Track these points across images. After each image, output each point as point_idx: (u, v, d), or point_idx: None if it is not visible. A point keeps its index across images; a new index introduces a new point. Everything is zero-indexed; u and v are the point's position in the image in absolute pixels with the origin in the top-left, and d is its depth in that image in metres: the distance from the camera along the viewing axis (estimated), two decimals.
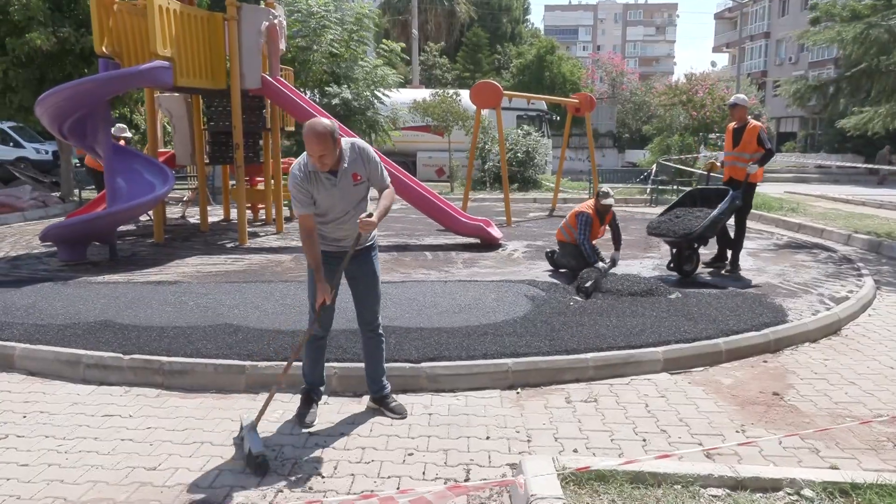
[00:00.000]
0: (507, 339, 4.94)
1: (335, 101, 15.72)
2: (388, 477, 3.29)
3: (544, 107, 23.81)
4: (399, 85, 18.49)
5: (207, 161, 11.05)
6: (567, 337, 5.00)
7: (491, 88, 11.43)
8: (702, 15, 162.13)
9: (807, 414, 4.05)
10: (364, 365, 4.10)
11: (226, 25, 9.01)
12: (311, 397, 4.00)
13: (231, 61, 9.05)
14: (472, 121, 12.85)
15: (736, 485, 2.95)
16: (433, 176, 21.34)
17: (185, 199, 14.02)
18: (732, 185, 7.39)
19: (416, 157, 21.85)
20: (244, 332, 5.12)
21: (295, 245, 9.45)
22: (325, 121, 3.49)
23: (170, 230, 10.69)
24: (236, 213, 10.07)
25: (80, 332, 5.11)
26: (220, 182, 13.89)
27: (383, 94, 17.17)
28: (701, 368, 4.83)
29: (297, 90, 12.41)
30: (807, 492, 2.88)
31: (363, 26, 16.79)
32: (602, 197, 7.00)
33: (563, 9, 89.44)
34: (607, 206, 7.03)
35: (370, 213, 3.51)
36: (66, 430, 3.82)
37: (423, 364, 4.49)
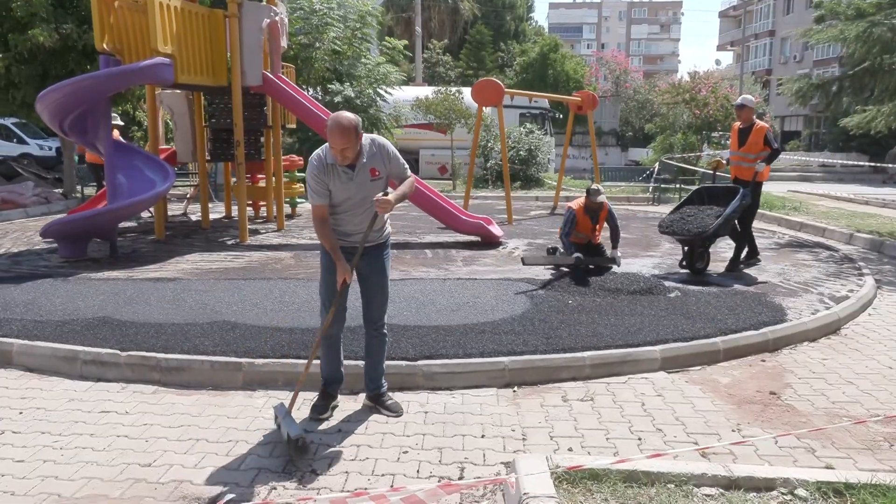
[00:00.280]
0: (505, 338, 4.93)
1: (338, 99, 15.71)
2: (382, 475, 3.29)
3: (547, 105, 23.76)
4: (402, 82, 18.47)
5: (209, 158, 11.06)
6: (565, 335, 4.99)
7: (492, 86, 11.41)
8: (706, 13, 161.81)
9: (803, 413, 4.04)
10: (364, 363, 4.10)
11: (227, 22, 9.01)
12: (327, 391, 4.03)
13: (232, 58, 9.05)
14: (475, 119, 12.83)
15: (730, 484, 2.94)
16: (436, 174, 21.31)
17: (189, 196, 14.03)
18: (738, 185, 7.41)
19: (418, 155, 21.82)
20: (242, 329, 5.12)
21: (295, 242, 9.46)
22: (349, 114, 3.52)
23: (171, 227, 10.71)
24: (237, 210, 10.08)
25: (79, 328, 5.12)
26: (222, 179, 13.90)
27: (386, 92, 17.16)
28: (698, 367, 4.82)
29: (300, 87, 12.43)
30: (800, 491, 2.87)
31: (366, 24, 16.77)
32: (593, 195, 6.98)
33: (568, 6, 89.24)
34: (599, 203, 7.00)
35: (386, 192, 3.57)
36: (63, 426, 3.83)
37: (419, 362, 4.49)
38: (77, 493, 3.11)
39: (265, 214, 12.06)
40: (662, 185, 16.38)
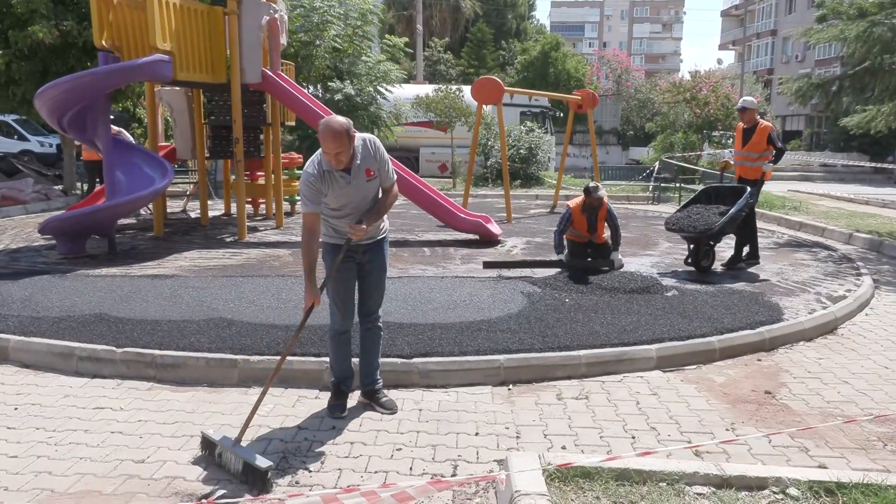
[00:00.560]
0: (501, 336, 4.93)
1: (338, 97, 15.71)
2: (375, 472, 3.30)
3: (548, 103, 23.73)
4: (402, 80, 18.45)
5: (208, 155, 11.06)
6: (561, 334, 4.99)
7: (492, 84, 11.39)
8: (708, 12, 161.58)
9: (798, 413, 4.04)
10: (359, 358, 4.10)
11: (226, 19, 9.00)
12: (340, 389, 4.03)
13: (231, 55, 9.04)
14: (475, 117, 12.82)
15: (721, 483, 2.94)
16: (436, 172, 21.29)
17: (188, 193, 14.03)
18: (744, 185, 7.47)
19: (419, 153, 21.82)
20: (238, 326, 5.12)
21: (294, 240, 9.45)
22: (340, 118, 3.51)
23: (170, 224, 10.71)
24: (236, 208, 10.08)
25: (75, 324, 5.13)
26: (221, 176, 13.89)
27: (386, 90, 17.14)
28: (694, 366, 4.82)
29: (300, 85, 12.44)
30: (792, 490, 2.87)
31: (367, 21, 16.76)
32: (592, 191, 6.95)
33: (570, 5, 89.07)
34: (598, 200, 6.96)
35: (360, 220, 3.60)
36: (57, 422, 3.83)
37: (414, 359, 4.49)
38: (70, 488, 3.11)
39: (264, 212, 12.06)
40: (662, 185, 16.36)
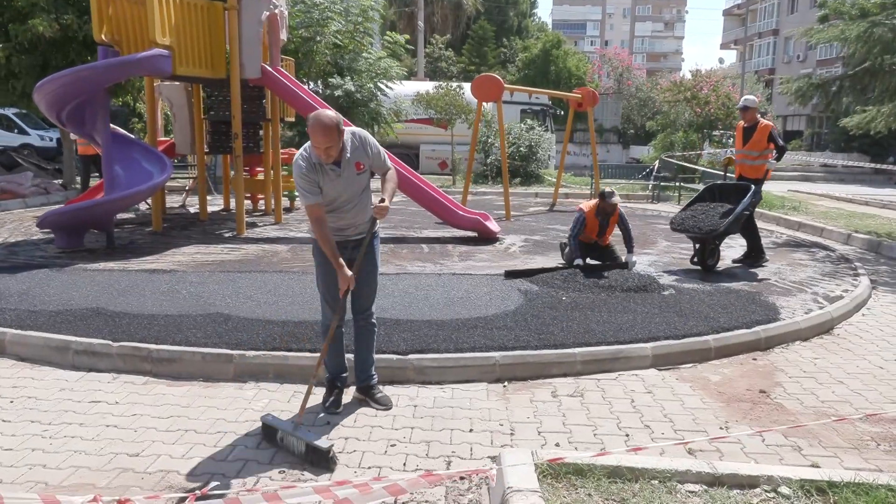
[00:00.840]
0: (497, 333, 4.94)
1: (338, 93, 15.70)
2: (369, 467, 3.31)
3: (548, 101, 23.71)
4: (403, 77, 18.43)
5: (207, 150, 11.05)
6: (556, 331, 5.00)
7: (492, 82, 11.38)
8: (711, 11, 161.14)
9: (792, 412, 4.04)
10: (353, 354, 4.10)
11: (226, 15, 8.99)
12: (335, 385, 4.04)
13: (231, 51, 9.03)
14: (475, 114, 12.81)
15: (713, 481, 2.94)
16: (436, 169, 21.30)
17: (187, 188, 14.04)
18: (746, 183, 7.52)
19: (419, 150, 21.82)
20: (234, 321, 5.13)
21: (292, 236, 9.46)
22: (330, 113, 3.53)
23: (169, 219, 10.71)
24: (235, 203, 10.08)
25: (72, 318, 5.14)
26: (221, 172, 13.89)
27: (386, 87, 17.13)
28: (689, 365, 4.82)
29: (300, 81, 12.42)
30: (784, 489, 2.87)
31: (368, 18, 16.73)
32: (608, 196, 6.91)
33: (572, 3, 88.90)
34: (613, 205, 6.93)
35: (382, 199, 3.63)
36: (52, 415, 3.84)
37: (410, 356, 4.50)
38: (64, 481, 3.12)
39: (263, 207, 12.06)
40: (662, 184, 16.36)
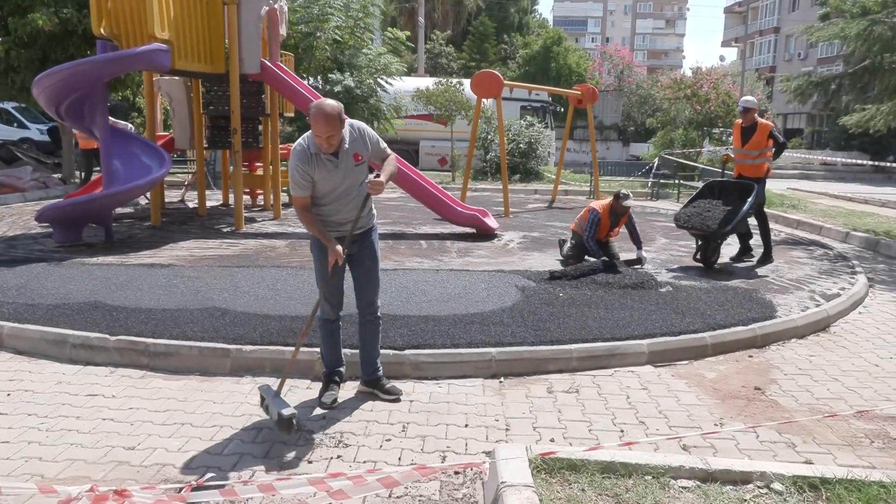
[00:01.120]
0: (494, 329, 4.95)
1: (338, 89, 15.67)
2: (364, 462, 3.32)
3: (548, 98, 23.69)
4: (404, 73, 18.40)
5: (206, 145, 11.05)
6: (553, 328, 5.01)
7: (491, 78, 11.37)
8: (712, 9, 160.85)
9: (787, 409, 4.06)
10: (359, 349, 4.11)
11: (225, 9, 8.98)
12: (332, 379, 4.05)
13: (230, 45, 9.03)
14: (475, 111, 12.80)
15: (706, 477, 2.96)
16: (436, 165, 21.29)
17: (186, 183, 14.04)
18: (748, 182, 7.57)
19: (418, 146, 21.80)
20: (232, 315, 5.14)
21: (291, 231, 9.47)
22: (332, 101, 3.56)
23: (167, 213, 10.72)
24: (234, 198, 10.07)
25: (69, 312, 5.14)
26: (220, 167, 13.89)
27: (386, 83, 17.11)
28: (685, 362, 4.84)
29: (300, 76, 12.41)
30: (776, 485, 2.89)
31: (368, 13, 16.70)
32: (622, 199, 7.04)
33: (573, 0, 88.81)
34: (626, 208, 7.09)
35: (377, 174, 3.61)
36: (49, 408, 3.85)
37: (407, 351, 4.51)
38: (60, 474, 3.13)
39: (262, 202, 12.07)
40: (661, 181, 16.36)
